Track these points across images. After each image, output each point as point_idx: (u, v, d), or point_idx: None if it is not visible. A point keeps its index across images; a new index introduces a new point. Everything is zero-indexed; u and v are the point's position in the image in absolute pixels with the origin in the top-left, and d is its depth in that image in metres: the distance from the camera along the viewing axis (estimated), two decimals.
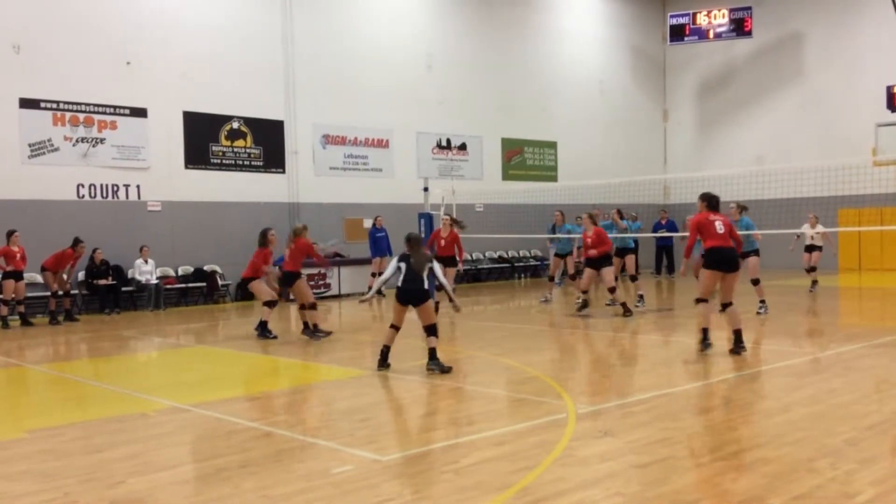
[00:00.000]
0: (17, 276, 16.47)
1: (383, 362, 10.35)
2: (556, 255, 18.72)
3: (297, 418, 8.14)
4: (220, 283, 20.35)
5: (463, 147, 25.85)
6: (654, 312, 16.04)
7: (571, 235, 18.70)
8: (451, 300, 10.73)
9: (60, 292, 17.18)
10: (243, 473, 6.07)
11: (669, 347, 12.16)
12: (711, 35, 28.67)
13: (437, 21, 25.30)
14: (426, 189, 21.45)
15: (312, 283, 20.73)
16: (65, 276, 17.27)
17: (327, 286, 21.06)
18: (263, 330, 13.73)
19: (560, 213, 19.47)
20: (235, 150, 21.17)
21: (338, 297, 21.15)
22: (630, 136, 30.32)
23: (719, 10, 28.45)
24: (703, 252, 10.99)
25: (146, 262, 19.03)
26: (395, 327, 10.51)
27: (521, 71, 27.25)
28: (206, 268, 20.39)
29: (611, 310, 16.24)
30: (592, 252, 15.30)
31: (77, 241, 17.31)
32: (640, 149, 30.55)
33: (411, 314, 10.36)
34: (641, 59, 31.12)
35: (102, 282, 18.41)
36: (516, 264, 26.51)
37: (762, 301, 14.98)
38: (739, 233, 14.77)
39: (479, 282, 25.32)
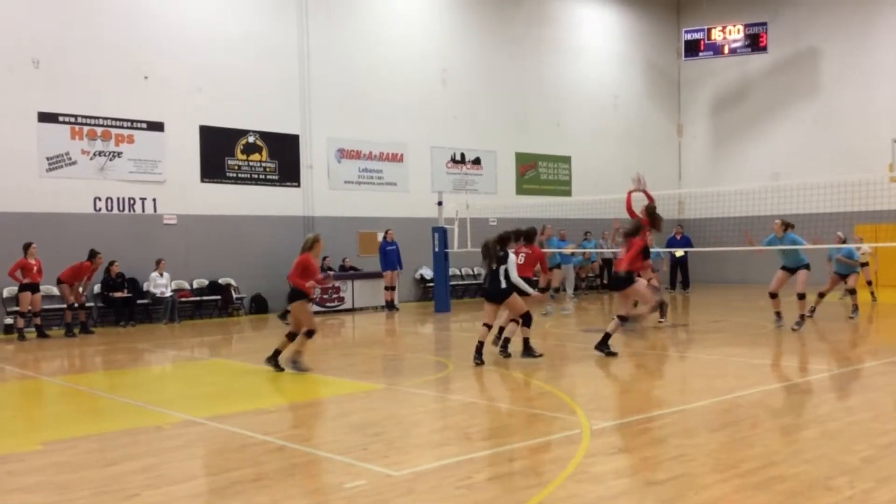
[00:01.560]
0: (33, 288, 16.56)
1: (478, 357, 11.35)
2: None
3: (311, 432, 8.14)
4: (234, 296, 20.41)
5: (477, 161, 25.89)
6: (670, 327, 15.93)
7: (581, 250, 18.69)
8: (525, 293, 11.85)
9: (76, 304, 17.26)
10: (256, 487, 6.05)
11: (684, 363, 12.10)
12: (726, 50, 28.62)
13: (452, 36, 25.38)
14: (440, 203, 21.50)
15: (326, 296, 20.80)
16: (80, 289, 17.35)
17: (341, 300, 21.07)
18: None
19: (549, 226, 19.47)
20: (251, 163, 21.27)
21: (351, 310, 21.15)
22: (644, 151, 30.22)
23: (734, 26, 28.41)
24: None
25: (161, 275, 19.11)
26: (487, 325, 11.68)
27: (535, 86, 27.28)
28: (220, 281, 20.46)
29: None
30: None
31: (94, 254, 17.41)
32: (654, 163, 30.41)
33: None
34: (656, 75, 31.10)
35: (118, 294, 18.50)
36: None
37: (801, 316, 14.66)
38: (786, 247, 14.52)
39: None
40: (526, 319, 11.70)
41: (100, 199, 19.01)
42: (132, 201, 19.46)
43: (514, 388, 10.04)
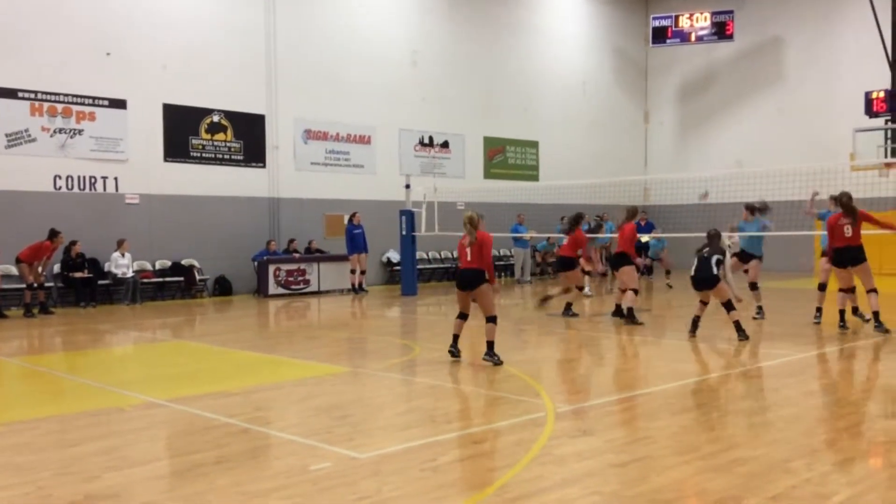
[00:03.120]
0: None
1: (694, 329, 12.36)
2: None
3: (275, 414, 8.11)
4: (197, 277, 20.23)
5: (445, 145, 25.83)
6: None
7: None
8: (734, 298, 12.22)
9: (35, 284, 17.02)
10: (219, 469, 6.04)
11: (648, 348, 12.21)
12: (693, 38, 28.76)
13: (423, 18, 25.24)
14: (408, 186, 21.45)
15: (291, 278, 20.70)
16: (40, 269, 17.11)
17: (306, 282, 20.97)
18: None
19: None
20: (216, 143, 21.04)
21: (317, 293, 21.06)
22: (611, 137, 30.36)
23: (701, 14, 28.55)
24: None
25: (123, 255, 18.87)
26: (703, 303, 12.52)
27: (504, 70, 27.24)
28: (183, 262, 20.25)
29: (588, 309, 16.29)
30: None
31: (55, 233, 17.16)
32: (621, 150, 30.61)
33: None
34: (624, 61, 31.20)
35: (78, 275, 18.26)
36: (496, 263, 26.39)
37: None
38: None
39: None
40: (728, 306, 12.06)
41: (60, 178, 18.71)
42: (93, 180, 19.18)
43: (479, 372, 10.06)
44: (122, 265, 18.87)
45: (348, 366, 10.53)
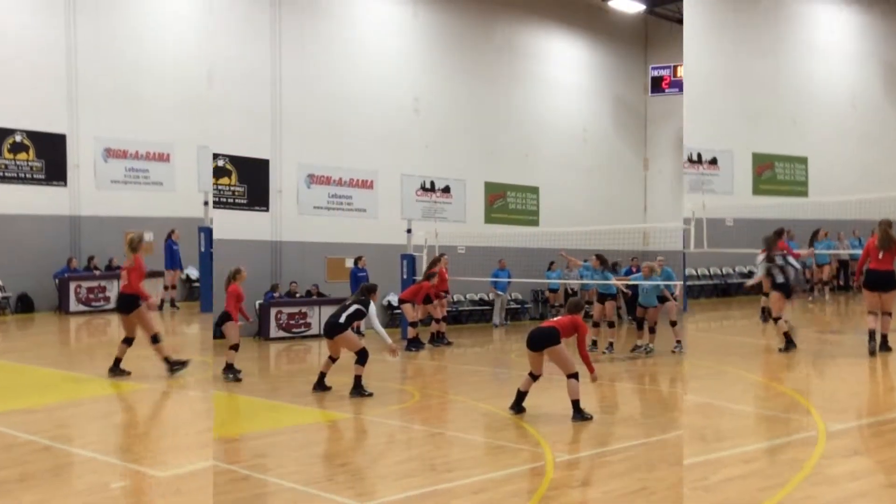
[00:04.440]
0: None
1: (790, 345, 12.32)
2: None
3: (76, 432, 8.52)
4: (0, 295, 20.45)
5: (446, 191, 26.00)
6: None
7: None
8: None
9: None
10: (22, 487, 6.39)
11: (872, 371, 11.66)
12: None
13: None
14: (206, 203, 22.00)
15: (92, 296, 21.11)
16: None
17: (107, 299, 21.16)
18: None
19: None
20: (18, 163, 21.35)
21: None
22: (612, 183, 30.41)
23: None
24: None
25: None
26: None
27: (506, 117, 27.44)
28: None
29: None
30: None
31: None
32: (621, 196, 30.58)
33: None
34: (623, 109, 31.46)
35: None
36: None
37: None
38: None
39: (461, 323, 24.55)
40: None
41: None
42: None
43: (747, 389, 10.12)
44: None
45: (148, 383, 10.80)
